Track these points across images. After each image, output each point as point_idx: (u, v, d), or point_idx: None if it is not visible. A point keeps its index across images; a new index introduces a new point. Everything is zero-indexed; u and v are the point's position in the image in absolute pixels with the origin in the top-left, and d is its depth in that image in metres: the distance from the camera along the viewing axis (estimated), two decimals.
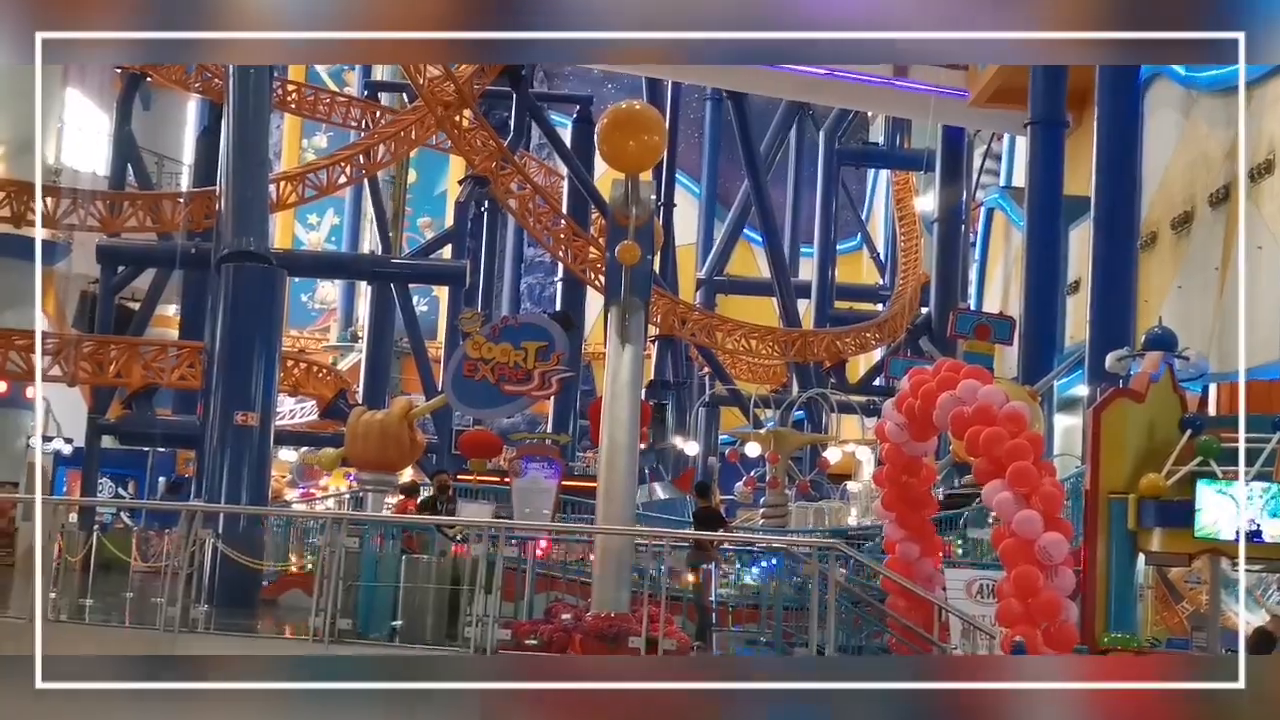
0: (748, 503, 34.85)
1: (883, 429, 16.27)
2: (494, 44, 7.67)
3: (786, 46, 7.65)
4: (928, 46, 7.63)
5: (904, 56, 7.26)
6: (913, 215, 51.77)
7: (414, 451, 19.78)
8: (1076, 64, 26.14)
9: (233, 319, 21.44)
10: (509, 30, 7.45)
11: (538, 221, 39.19)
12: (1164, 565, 15.15)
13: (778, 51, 7.88)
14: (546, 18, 7.37)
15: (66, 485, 34.28)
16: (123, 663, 8.95)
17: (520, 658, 13.05)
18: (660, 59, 12.36)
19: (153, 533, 20.63)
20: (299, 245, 62.67)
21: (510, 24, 7.39)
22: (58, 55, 7.43)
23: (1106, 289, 24.13)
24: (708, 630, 16.01)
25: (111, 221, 34.34)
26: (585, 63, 37.86)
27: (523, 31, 7.44)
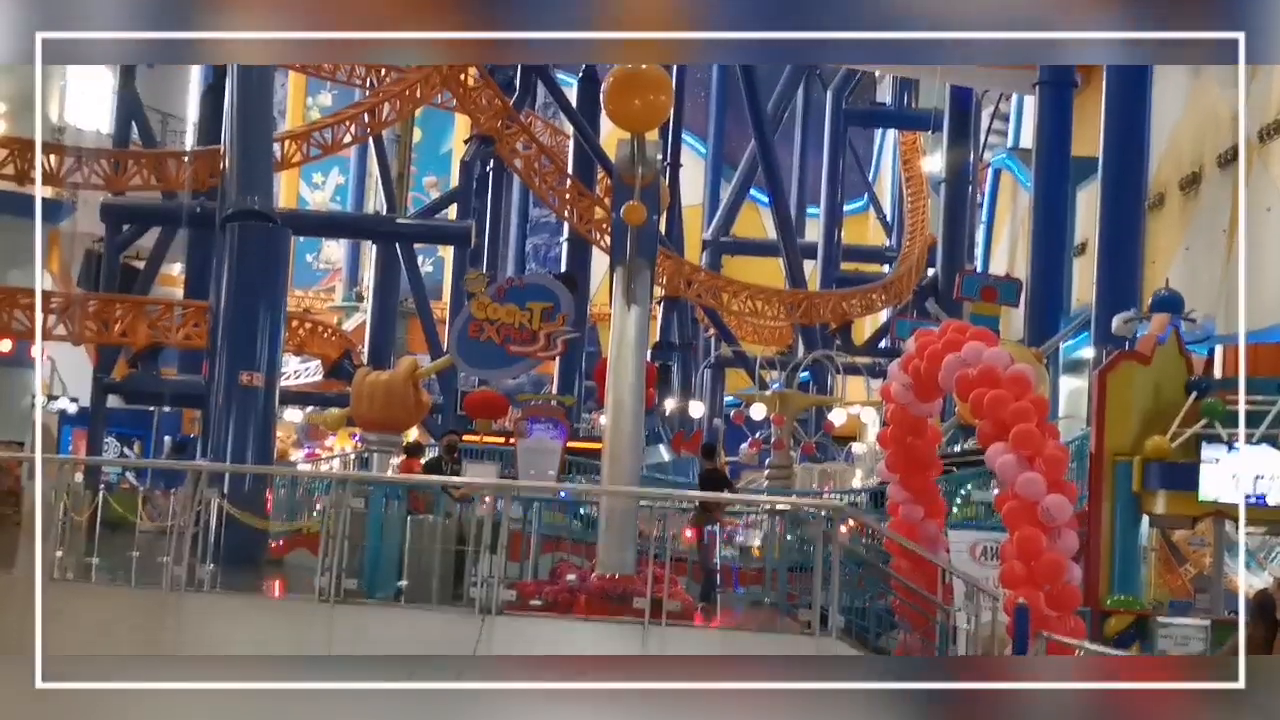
0: (753, 464, 34.89)
1: (888, 390, 16.25)
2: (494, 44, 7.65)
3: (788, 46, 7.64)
4: (927, 46, 7.61)
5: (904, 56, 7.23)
6: (920, 176, 51.60)
7: (419, 412, 19.82)
8: (1076, 64, 26.02)
9: (237, 278, 21.42)
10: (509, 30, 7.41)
11: (543, 181, 39.08)
12: (1168, 527, 15.18)
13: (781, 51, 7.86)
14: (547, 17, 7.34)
15: (72, 444, 34.34)
16: (123, 663, 8.97)
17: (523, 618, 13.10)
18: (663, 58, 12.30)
19: (158, 492, 20.64)
20: (304, 205, 62.56)
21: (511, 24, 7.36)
22: (58, 55, 7.40)
23: (1113, 250, 24.09)
24: (712, 591, 16.04)
25: (116, 180, 34.23)
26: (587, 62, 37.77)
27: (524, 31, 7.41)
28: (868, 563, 15.08)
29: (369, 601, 13.65)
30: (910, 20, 7.28)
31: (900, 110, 53.77)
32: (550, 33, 7.40)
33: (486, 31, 7.43)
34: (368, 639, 12.88)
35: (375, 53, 8.37)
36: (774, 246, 48.38)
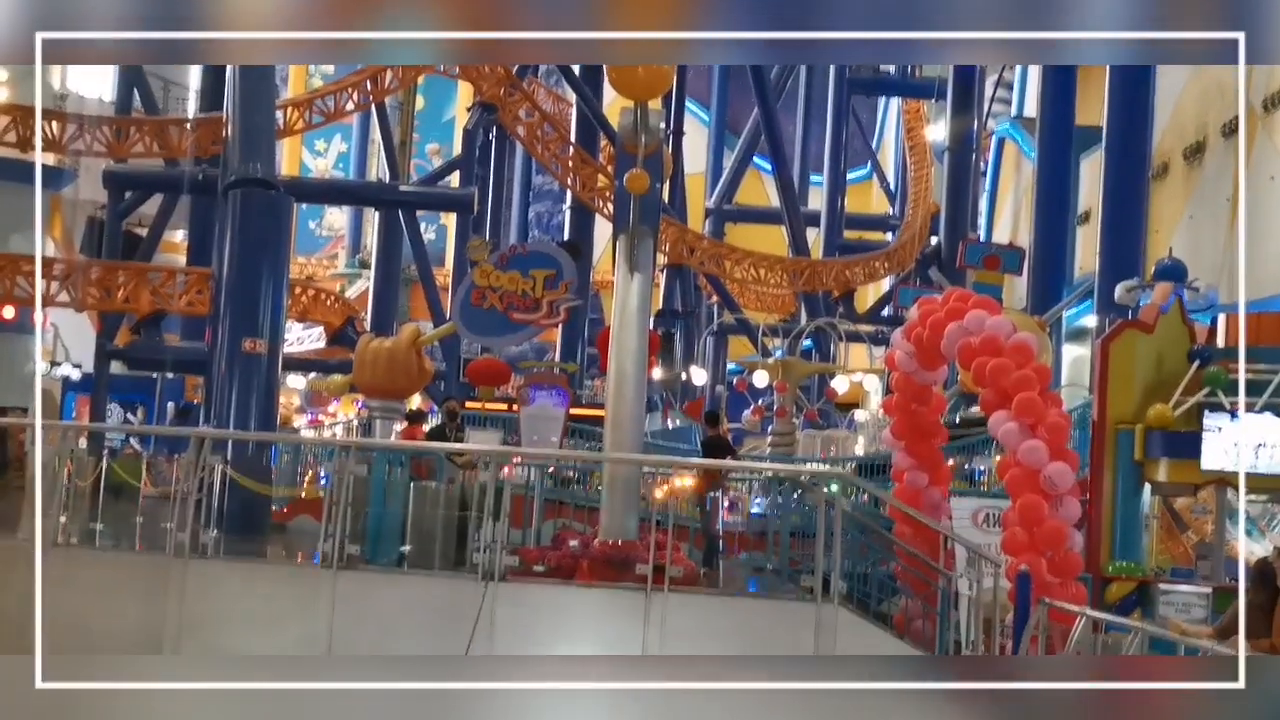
0: (755, 431, 34.93)
1: (893, 357, 16.27)
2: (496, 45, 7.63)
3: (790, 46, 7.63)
4: (927, 46, 7.60)
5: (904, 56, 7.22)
6: (923, 144, 51.49)
7: (422, 379, 19.80)
8: (1077, 64, 25.91)
9: (240, 245, 21.41)
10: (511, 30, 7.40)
11: (546, 149, 39.03)
12: (1170, 495, 15.21)
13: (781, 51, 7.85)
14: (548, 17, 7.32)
15: (76, 410, 34.43)
16: (123, 663, 9.00)
17: None
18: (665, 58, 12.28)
19: (162, 458, 20.69)
20: (306, 172, 62.51)
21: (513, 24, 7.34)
22: (58, 55, 7.39)
23: (1117, 219, 24.07)
24: (715, 557, 16.08)
25: (118, 147, 34.22)
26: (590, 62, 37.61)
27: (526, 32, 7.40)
28: (870, 529, 15.12)
29: (372, 567, 13.69)
30: (910, 20, 7.27)
31: (904, 79, 53.63)
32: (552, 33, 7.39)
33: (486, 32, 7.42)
34: (371, 605, 12.93)
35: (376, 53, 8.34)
36: (777, 214, 48.32)
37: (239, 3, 7.39)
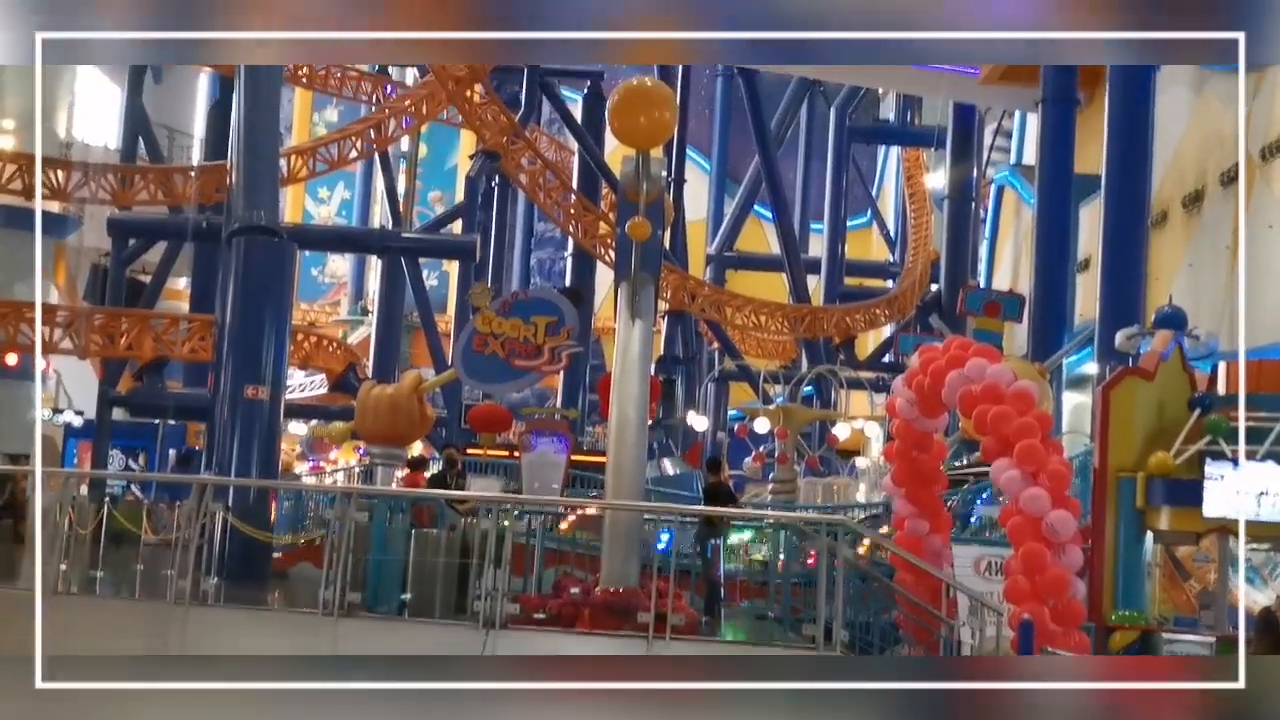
0: (757, 478, 34.87)
1: (894, 404, 16.28)
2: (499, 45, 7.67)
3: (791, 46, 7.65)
4: (927, 46, 7.63)
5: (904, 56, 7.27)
6: (923, 192, 51.64)
7: (424, 426, 19.81)
8: (1077, 64, 26.04)
9: (243, 292, 21.47)
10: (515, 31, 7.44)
11: (548, 196, 39.17)
12: (1172, 543, 15.18)
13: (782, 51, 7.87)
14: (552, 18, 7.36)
15: (77, 457, 34.40)
16: (123, 663, 8.98)
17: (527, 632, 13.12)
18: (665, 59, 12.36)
19: (163, 505, 20.69)
20: (309, 219, 62.68)
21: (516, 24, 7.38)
22: (58, 55, 7.42)
23: (1117, 267, 24.08)
24: (716, 605, 16.04)
25: (122, 194, 34.38)
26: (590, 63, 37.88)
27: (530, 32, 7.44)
28: (872, 577, 15.09)
29: (373, 615, 13.67)
30: (911, 20, 7.31)
31: (903, 127, 53.83)
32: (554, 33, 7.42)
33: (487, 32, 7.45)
34: (372, 652, 12.89)
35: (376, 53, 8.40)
36: (778, 261, 48.44)
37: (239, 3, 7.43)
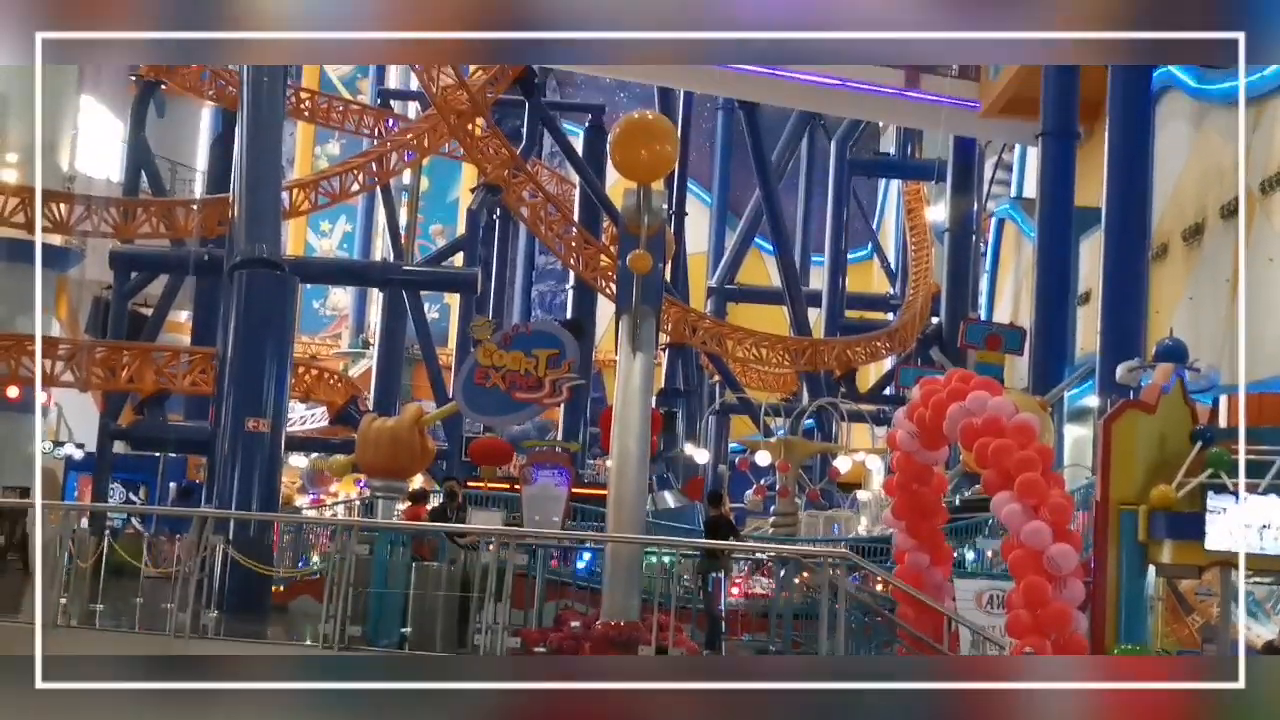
0: (758, 511, 34.82)
1: (894, 437, 16.29)
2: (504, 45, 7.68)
3: (793, 47, 7.67)
4: (928, 46, 7.66)
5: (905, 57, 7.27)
6: (924, 225, 51.71)
7: (425, 458, 19.80)
8: (1077, 64, 26.12)
9: (245, 325, 21.51)
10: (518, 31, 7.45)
11: (549, 229, 39.24)
12: (1175, 577, 15.15)
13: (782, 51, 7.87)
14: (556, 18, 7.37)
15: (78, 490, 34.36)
16: (123, 663, 8.97)
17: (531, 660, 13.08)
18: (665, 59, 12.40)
19: (164, 538, 20.68)
20: (311, 252, 62.78)
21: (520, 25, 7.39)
22: (58, 55, 7.44)
23: (1117, 300, 24.12)
24: (718, 639, 16.01)
25: (125, 227, 34.43)
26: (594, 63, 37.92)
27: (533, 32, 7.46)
28: (874, 611, 15.06)
29: (373, 649, 13.64)
30: (911, 20, 7.33)
31: (904, 160, 53.96)
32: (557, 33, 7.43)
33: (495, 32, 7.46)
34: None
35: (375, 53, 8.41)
36: (778, 294, 48.49)
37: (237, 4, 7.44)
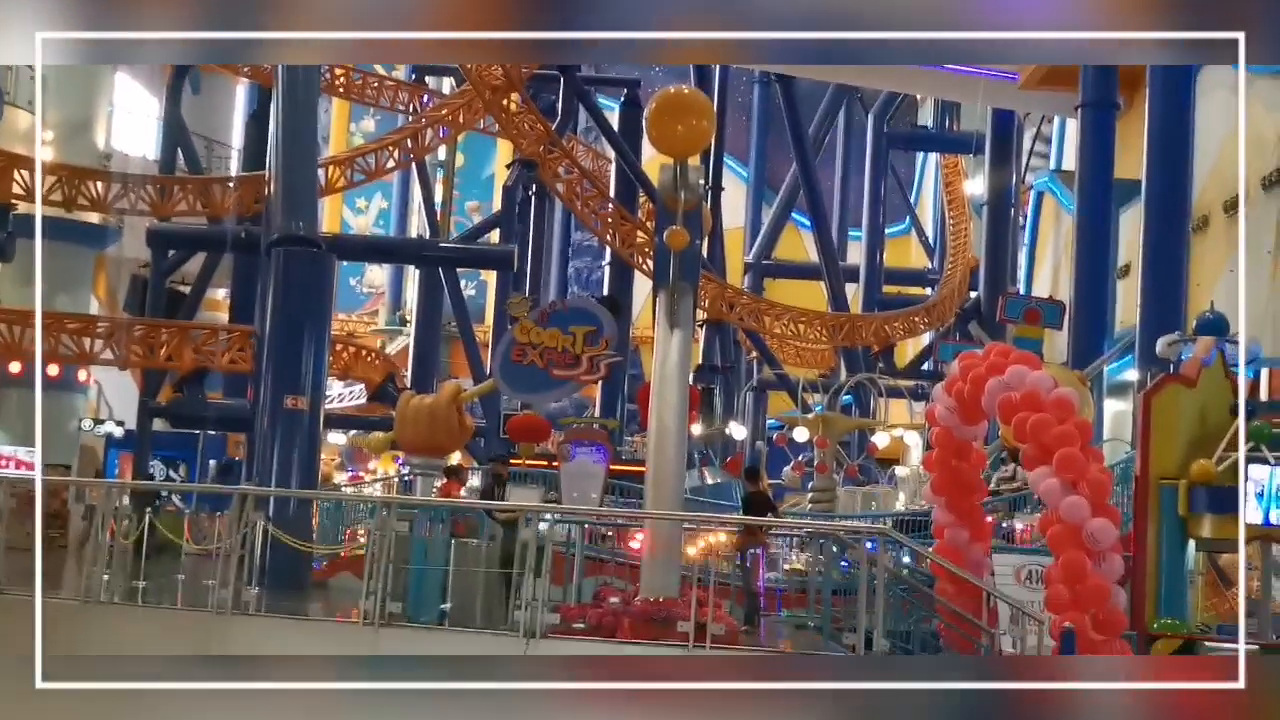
0: (795, 487, 34.79)
1: (933, 413, 16.23)
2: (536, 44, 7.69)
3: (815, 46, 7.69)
4: (930, 46, 7.64)
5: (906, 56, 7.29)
6: (962, 198, 51.46)
7: (463, 435, 19.83)
8: (1077, 64, 25.89)
9: (283, 303, 21.57)
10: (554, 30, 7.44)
11: (585, 205, 39.19)
12: (1215, 551, 15.07)
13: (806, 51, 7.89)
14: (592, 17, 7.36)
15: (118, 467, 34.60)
16: (123, 663, 9.03)
17: None
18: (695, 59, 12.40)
19: (203, 515, 20.82)
20: (347, 229, 62.94)
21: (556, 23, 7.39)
22: (58, 55, 7.45)
23: (1157, 272, 23.93)
24: (756, 615, 16.02)
25: (162, 205, 34.54)
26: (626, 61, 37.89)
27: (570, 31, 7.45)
28: (913, 586, 15.04)
29: (414, 625, 13.69)
30: (916, 21, 7.31)
31: (942, 133, 53.69)
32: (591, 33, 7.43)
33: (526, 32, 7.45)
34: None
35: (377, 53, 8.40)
36: (816, 269, 48.36)
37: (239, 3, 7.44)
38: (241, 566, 14.17)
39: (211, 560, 14.31)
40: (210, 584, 13.91)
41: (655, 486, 14.58)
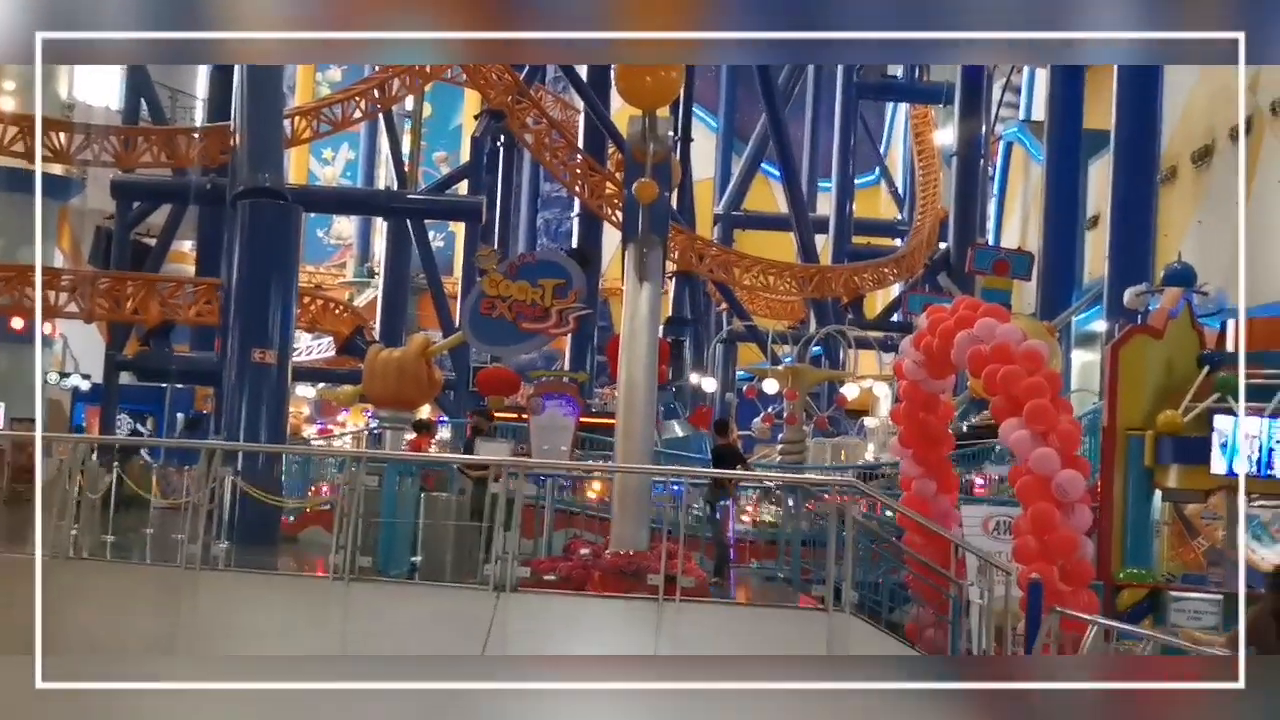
0: (765, 439, 34.89)
1: (901, 366, 16.27)
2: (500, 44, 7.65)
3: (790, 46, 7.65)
4: (927, 46, 7.61)
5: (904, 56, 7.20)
6: (931, 149, 51.45)
7: (432, 389, 19.78)
8: (1076, 64, 25.87)
9: (249, 256, 21.41)
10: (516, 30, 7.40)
11: (554, 156, 39.02)
12: (1181, 501, 15.19)
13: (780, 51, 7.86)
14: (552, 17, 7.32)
15: (85, 421, 34.45)
16: (123, 662, 9.01)
17: None
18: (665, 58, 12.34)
19: (171, 469, 20.73)
20: (313, 180, 62.56)
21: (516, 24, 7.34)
22: (58, 55, 7.39)
23: (1126, 224, 24.05)
24: (725, 566, 16.07)
25: (126, 157, 34.22)
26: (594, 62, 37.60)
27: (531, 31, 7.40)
28: (881, 538, 15.10)
29: (383, 579, 13.69)
30: (911, 19, 7.27)
31: (911, 84, 53.57)
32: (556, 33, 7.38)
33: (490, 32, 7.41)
34: (383, 617, 12.93)
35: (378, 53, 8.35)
36: (785, 220, 48.30)
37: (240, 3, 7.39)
38: (210, 521, 14.11)
39: (180, 514, 14.24)
40: (179, 538, 13.84)
41: (625, 439, 14.58)
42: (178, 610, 13.19)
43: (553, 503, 16.90)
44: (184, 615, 13.18)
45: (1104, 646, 11.03)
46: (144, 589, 13.65)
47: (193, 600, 13.30)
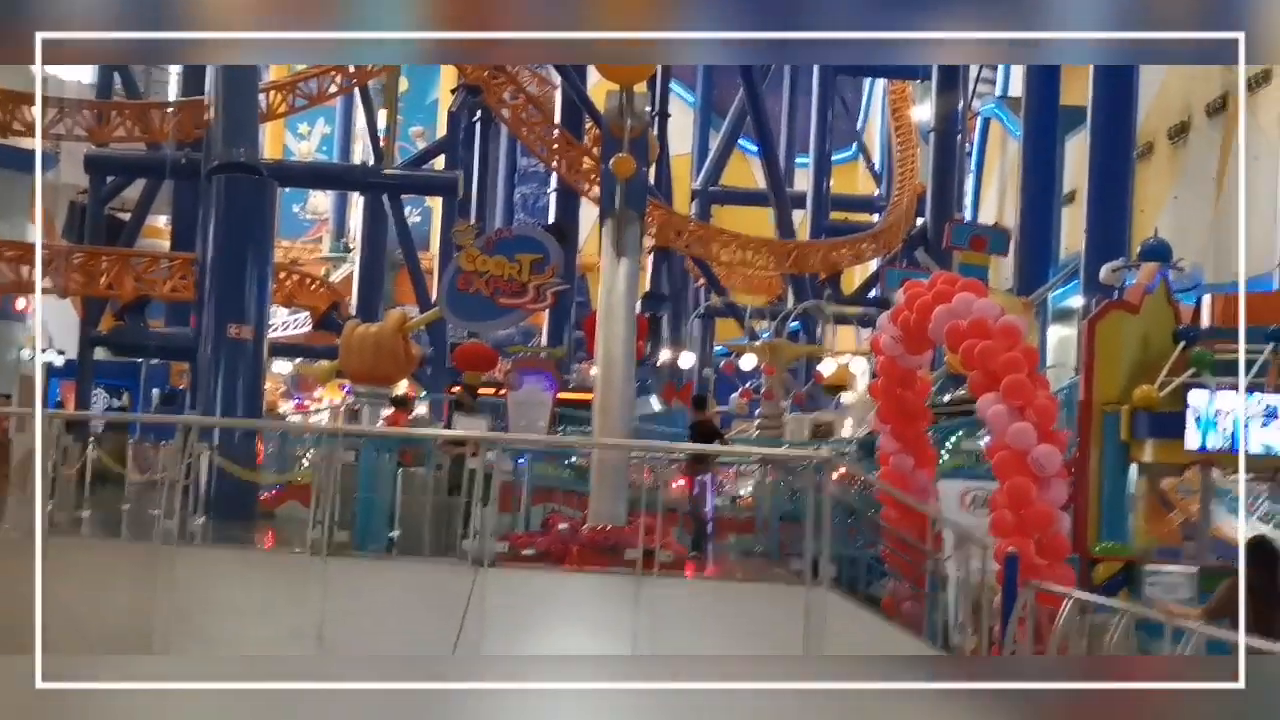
0: (743, 414, 34.92)
1: (878, 342, 16.28)
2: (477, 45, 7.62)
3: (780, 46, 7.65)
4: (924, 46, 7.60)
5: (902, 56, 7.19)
6: (909, 125, 51.43)
7: (409, 364, 19.79)
8: (1076, 64, 25.87)
9: (224, 231, 21.32)
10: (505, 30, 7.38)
11: (531, 131, 38.93)
12: (1156, 475, 15.25)
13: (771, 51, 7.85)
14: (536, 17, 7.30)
15: (60, 396, 34.31)
16: (123, 662, 8.99)
17: None
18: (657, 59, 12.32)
19: (147, 445, 20.65)
20: (289, 155, 62.24)
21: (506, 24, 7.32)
22: (58, 55, 7.36)
23: (1102, 199, 24.08)
24: (704, 541, 16.10)
25: (99, 131, 34.04)
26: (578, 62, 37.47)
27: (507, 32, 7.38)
28: (858, 512, 15.14)
29: (361, 554, 13.67)
30: (906, 19, 7.25)
31: None
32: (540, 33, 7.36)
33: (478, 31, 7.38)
34: (361, 592, 12.91)
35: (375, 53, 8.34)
36: (763, 196, 48.29)
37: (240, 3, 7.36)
38: (187, 496, 14.06)
39: (156, 490, 14.17)
40: (155, 514, 13.78)
41: (603, 414, 14.58)
42: (154, 586, 13.13)
43: (531, 477, 16.88)
44: (160, 591, 13.12)
45: (1079, 620, 11.08)
46: (121, 565, 13.59)
47: (170, 576, 13.25)
